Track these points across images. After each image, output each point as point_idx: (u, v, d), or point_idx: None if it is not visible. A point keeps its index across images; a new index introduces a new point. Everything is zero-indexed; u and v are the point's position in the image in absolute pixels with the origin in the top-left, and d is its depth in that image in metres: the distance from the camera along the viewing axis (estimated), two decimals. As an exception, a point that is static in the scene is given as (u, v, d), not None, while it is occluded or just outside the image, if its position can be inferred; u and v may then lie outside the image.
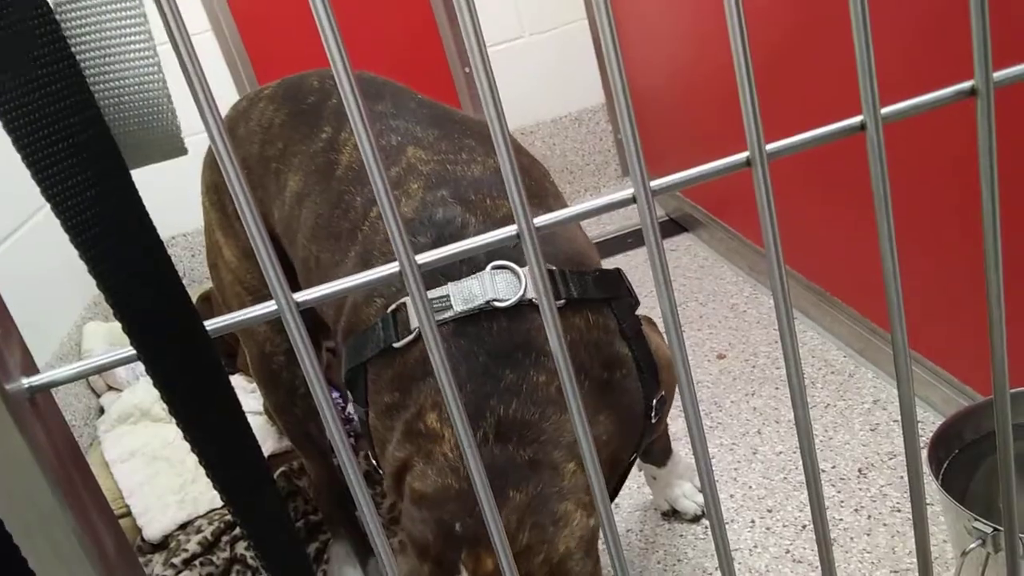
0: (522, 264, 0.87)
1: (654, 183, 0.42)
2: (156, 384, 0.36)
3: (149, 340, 0.35)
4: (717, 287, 2.16)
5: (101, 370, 0.38)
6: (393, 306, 0.90)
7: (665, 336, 0.47)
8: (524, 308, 0.86)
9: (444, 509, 0.82)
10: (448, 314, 0.86)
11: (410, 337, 0.87)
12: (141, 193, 0.34)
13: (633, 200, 0.42)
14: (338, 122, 1.10)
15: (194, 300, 2.19)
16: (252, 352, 1.32)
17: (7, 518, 0.38)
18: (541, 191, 1.06)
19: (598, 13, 0.38)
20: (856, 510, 1.36)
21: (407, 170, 0.98)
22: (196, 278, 2.68)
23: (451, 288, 0.86)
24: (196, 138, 0.56)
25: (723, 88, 1.96)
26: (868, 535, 1.31)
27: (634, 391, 0.93)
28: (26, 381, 0.38)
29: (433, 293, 0.87)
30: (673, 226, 2.53)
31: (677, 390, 1.06)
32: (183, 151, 0.35)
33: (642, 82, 2.44)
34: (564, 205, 1.12)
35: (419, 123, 1.06)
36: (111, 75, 0.35)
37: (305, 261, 1.10)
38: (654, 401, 0.95)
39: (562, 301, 0.89)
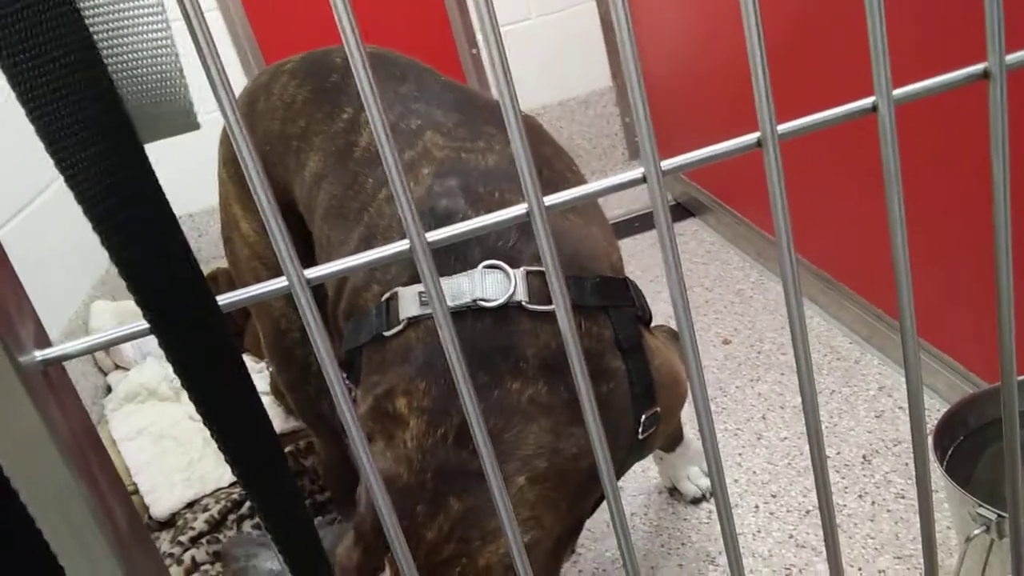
0: (516, 264, 0.86)
1: (665, 163, 0.42)
2: (168, 357, 0.37)
3: (162, 313, 0.35)
4: (723, 272, 2.16)
5: (113, 343, 0.38)
6: (387, 295, 0.90)
7: (674, 321, 0.47)
8: (511, 311, 0.85)
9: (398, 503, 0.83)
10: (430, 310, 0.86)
11: (398, 327, 0.87)
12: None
13: (643, 180, 0.42)
14: (360, 103, 1.10)
15: (211, 274, 2.19)
16: (266, 328, 1.32)
17: (23, 490, 0.39)
18: (561, 181, 1.04)
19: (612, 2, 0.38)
20: (860, 496, 1.37)
21: (421, 154, 0.98)
22: (204, 258, 2.68)
23: (441, 283, 0.87)
24: (213, 115, 0.56)
25: (734, 71, 1.95)
26: (872, 521, 1.32)
27: (620, 407, 0.91)
28: (39, 354, 0.38)
29: (421, 287, 0.87)
30: (680, 211, 2.53)
31: (683, 394, 1.05)
32: (196, 126, 0.35)
33: (651, 64, 2.43)
34: (569, 168, 1.12)
35: (441, 107, 1.06)
36: (124, 49, 0.35)
37: (319, 240, 1.10)
38: (643, 417, 0.93)
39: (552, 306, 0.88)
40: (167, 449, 1.73)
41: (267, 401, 1.78)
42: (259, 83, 1.29)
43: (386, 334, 0.88)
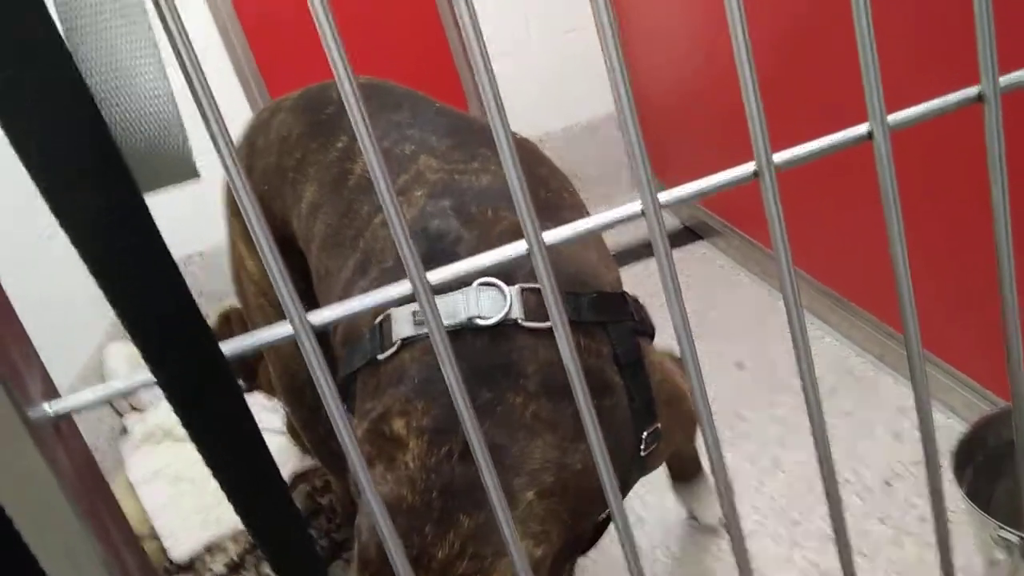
0: (511, 281, 0.86)
1: (661, 196, 0.42)
2: (175, 409, 0.37)
3: (166, 365, 0.36)
4: (734, 295, 2.15)
5: (121, 394, 0.39)
6: (380, 318, 0.90)
7: (679, 350, 0.47)
8: (508, 328, 0.85)
9: (393, 522, 0.82)
10: (426, 330, 0.85)
11: (391, 350, 0.87)
12: (158, 212, 0.34)
13: (642, 214, 0.42)
14: (355, 132, 1.11)
15: (213, 318, 2.21)
16: (276, 368, 1.32)
17: (32, 541, 0.39)
18: (558, 201, 1.05)
19: (600, 28, 0.38)
20: (882, 520, 1.35)
21: (415, 178, 0.99)
22: (214, 296, 2.68)
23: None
24: (215, 157, 0.56)
25: (733, 92, 1.96)
26: (895, 545, 1.30)
27: (621, 422, 0.90)
28: (48, 407, 0.38)
29: (415, 306, 0.85)
30: (689, 234, 2.53)
31: (693, 410, 1.05)
32: (195, 174, 0.36)
33: (651, 87, 2.44)
34: (583, 216, 1.12)
35: (435, 132, 1.07)
36: (122, 99, 0.36)
37: (317, 271, 1.11)
38: (645, 434, 0.92)
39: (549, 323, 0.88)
40: (184, 491, 1.73)
41: (282, 440, 1.78)
42: (260, 120, 1.31)
43: (380, 357, 0.88)
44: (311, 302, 1.18)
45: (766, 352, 1.88)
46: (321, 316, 0.41)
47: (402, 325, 0.87)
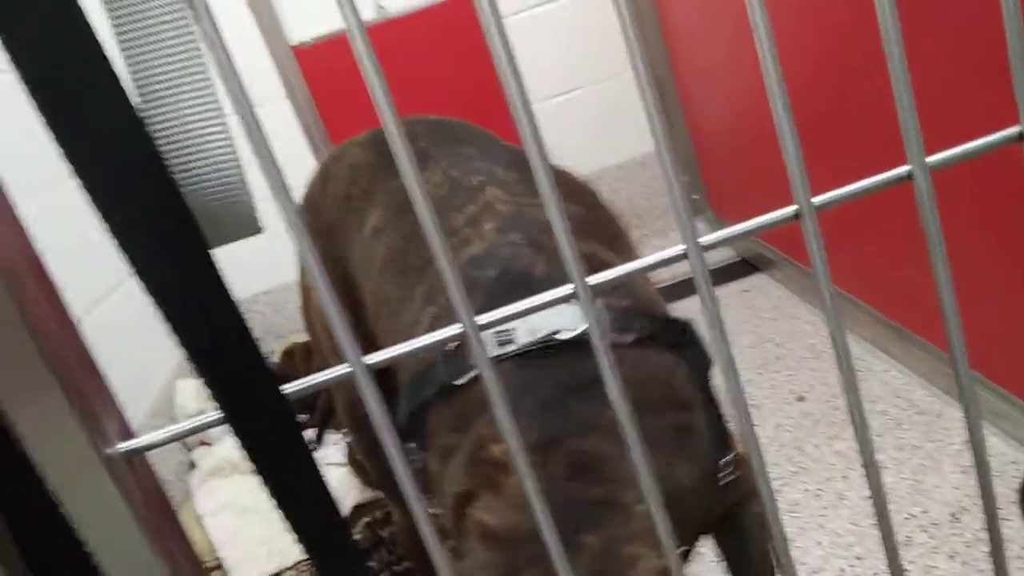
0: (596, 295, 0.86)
1: (704, 239, 0.43)
2: (241, 446, 0.39)
3: (232, 406, 0.38)
4: (794, 327, 2.13)
5: (191, 433, 0.41)
6: (454, 343, 0.89)
7: (726, 387, 0.48)
8: (589, 342, 0.84)
9: (515, 552, 0.77)
10: (511, 347, 0.83)
11: (472, 374, 0.84)
12: (227, 256, 0.37)
13: (685, 256, 0.43)
14: (421, 162, 1.13)
15: (278, 353, 2.26)
16: (342, 398, 1.35)
17: (108, 570, 0.42)
18: (621, 241, 1.05)
19: (637, 74, 0.40)
20: (951, 556, 1.31)
21: (484, 208, 1.00)
22: (280, 333, 2.76)
23: (515, 321, 0.85)
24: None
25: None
26: (964, 582, 1.26)
27: (707, 441, 0.88)
28: (123, 446, 0.41)
29: (501, 335, 0.84)
30: (745, 267, 2.51)
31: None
32: (258, 230, 0.38)
33: (704, 120, 2.45)
34: (635, 253, 1.12)
35: (500, 165, 1.08)
36: (190, 161, 0.38)
37: (375, 295, 1.12)
38: (721, 461, 0.89)
39: (633, 335, 0.85)
40: (250, 522, 1.77)
41: (343, 472, 1.81)
42: (333, 156, 1.35)
43: (458, 383, 0.85)
44: (361, 331, 1.19)
45: (827, 384, 1.85)
46: (377, 358, 0.43)
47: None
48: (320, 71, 2.56)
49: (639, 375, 0.85)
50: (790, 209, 0.43)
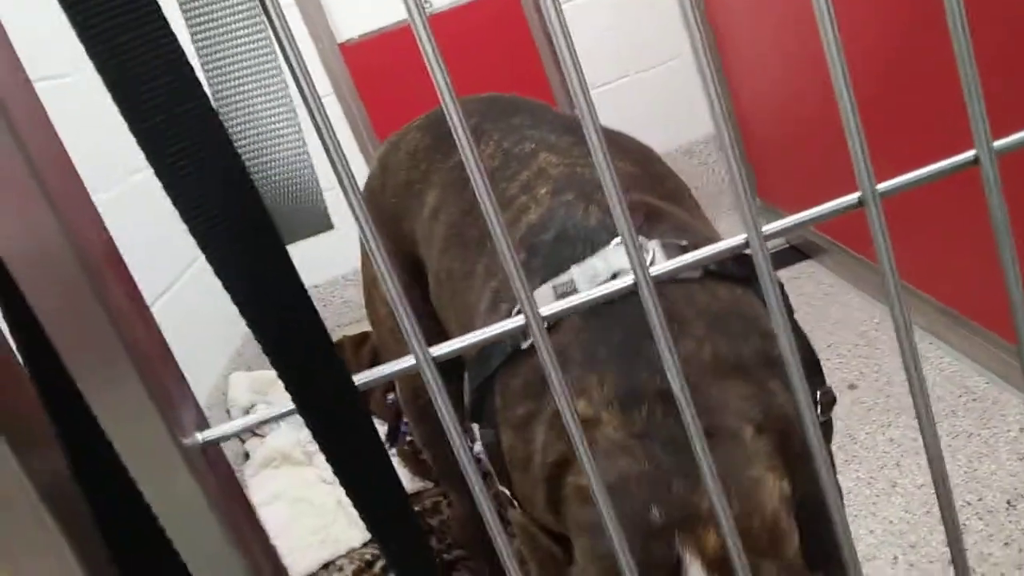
0: (651, 236, 0.83)
1: (766, 228, 0.43)
2: (313, 435, 0.40)
3: (306, 398, 0.39)
4: (844, 314, 2.10)
5: (264, 422, 0.42)
6: (516, 307, 0.87)
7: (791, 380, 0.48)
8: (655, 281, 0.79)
9: (632, 498, 0.72)
10: (574, 299, 0.81)
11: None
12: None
13: (747, 245, 0.43)
14: (475, 136, 1.13)
15: (336, 342, 2.29)
16: (403, 387, 1.37)
17: (185, 553, 0.43)
18: (679, 196, 1.03)
19: (697, 57, 0.40)
20: (1006, 544, 1.29)
21: (537, 175, 1.00)
22: (329, 327, 2.79)
23: (575, 271, 0.82)
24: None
25: (834, 112, 1.93)
26: (1020, 569, 1.24)
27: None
28: (199, 436, 0.42)
29: (558, 280, 0.83)
30: (794, 253, 2.48)
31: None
32: (330, 226, 0.39)
33: (752, 107, 2.42)
34: (701, 213, 1.10)
35: (554, 131, 1.08)
36: (266, 159, 0.40)
37: (438, 274, 1.12)
38: (819, 394, 0.84)
39: (699, 271, 0.82)
40: (302, 512, 1.80)
41: (393, 463, 1.83)
42: (391, 143, 1.36)
43: (524, 346, 0.81)
44: (428, 311, 1.20)
45: (879, 371, 1.83)
46: (443, 350, 0.43)
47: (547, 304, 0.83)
48: (366, 68, 2.59)
49: (716, 307, 0.80)
50: (853, 196, 0.43)
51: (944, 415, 1.62)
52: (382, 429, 1.99)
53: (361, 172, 2.61)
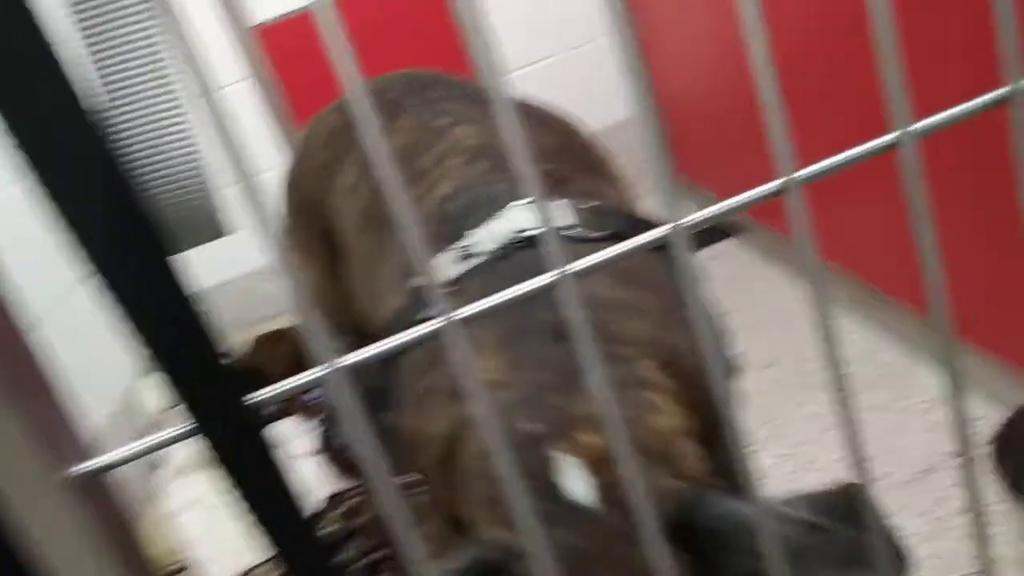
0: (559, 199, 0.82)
1: (685, 220, 0.41)
2: (210, 457, 0.37)
3: (198, 417, 0.36)
4: (763, 293, 2.13)
5: (154, 450, 0.39)
6: (418, 281, 0.83)
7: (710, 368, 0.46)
8: (563, 238, 0.77)
9: (508, 420, 0.70)
10: (476, 261, 0.79)
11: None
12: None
13: (672, 234, 0.42)
14: (392, 112, 1.11)
15: (248, 344, 2.21)
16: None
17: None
18: (600, 167, 1.04)
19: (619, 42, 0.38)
20: (920, 514, 1.33)
21: (451, 147, 0.98)
22: (250, 321, 2.69)
23: (477, 233, 0.82)
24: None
25: (757, 90, 1.95)
26: (935, 540, 1.28)
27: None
28: (81, 466, 0.39)
29: (460, 243, 0.82)
30: (716, 233, 2.50)
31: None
32: (221, 234, 0.36)
33: (671, 82, 2.43)
34: (623, 184, 1.13)
35: (473, 104, 1.07)
36: (153, 168, 0.36)
37: (352, 256, 1.10)
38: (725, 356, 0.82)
39: (603, 232, 0.82)
40: (220, 519, 1.74)
41: (318, 461, 1.79)
42: (308, 128, 1.34)
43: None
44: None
45: (798, 349, 1.86)
46: (353, 359, 0.40)
47: (448, 271, 0.80)
48: (285, 51, 2.49)
49: (623, 264, 0.80)
50: (774, 184, 0.42)
51: (859, 388, 1.65)
52: (306, 430, 1.93)
53: (280, 159, 2.52)
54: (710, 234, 2.51)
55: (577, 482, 0.65)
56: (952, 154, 1.29)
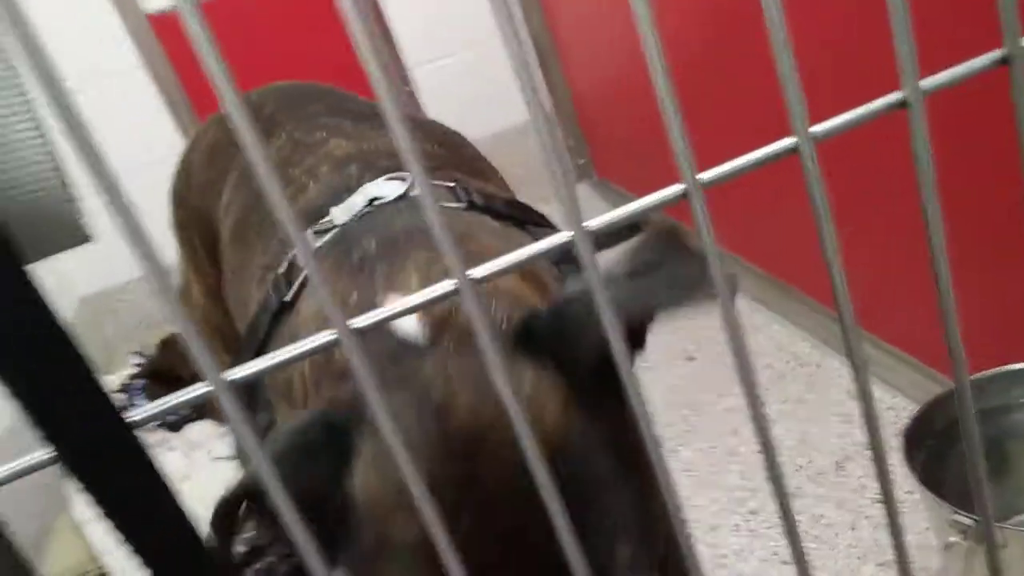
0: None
1: (591, 222, 0.40)
2: (81, 489, 0.34)
3: (64, 440, 0.33)
4: (682, 288, 2.16)
5: (16, 477, 0.36)
6: (283, 267, 0.82)
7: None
8: (414, 200, 0.79)
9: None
10: (331, 235, 0.79)
11: (297, 285, 0.78)
12: (98, 237, 0.32)
13: (573, 243, 0.40)
14: (268, 128, 1.10)
15: (153, 346, 2.14)
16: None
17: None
18: (485, 175, 1.06)
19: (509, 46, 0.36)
20: (838, 505, 1.36)
21: (323, 159, 0.97)
22: (154, 322, 2.62)
23: (334, 211, 0.81)
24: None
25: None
26: (852, 529, 1.31)
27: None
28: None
29: (319, 224, 0.81)
30: (627, 230, 2.52)
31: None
32: (86, 239, 0.33)
33: (582, 79, 2.44)
34: (503, 184, 1.14)
35: (349, 119, 1.06)
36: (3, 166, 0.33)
37: (226, 271, 1.10)
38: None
39: (464, 204, 0.82)
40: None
41: (233, 466, 1.73)
42: (191, 142, 1.31)
43: (288, 298, 0.78)
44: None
45: (716, 342, 1.89)
46: (239, 373, 0.38)
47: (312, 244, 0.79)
48: (182, 41, 2.43)
49: (488, 226, 0.81)
50: (677, 188, 0.41)
51: (773, 381, 1.69)
52: (222, 432, 1.88)
53: (178, 148, 2.45)
54: (621, 231, 2.53)
55: (409, 323, 0.64)
56: (857, 154, 1.32)
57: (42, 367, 0.32)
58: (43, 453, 0.34)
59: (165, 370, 1.99)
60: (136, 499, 0.35)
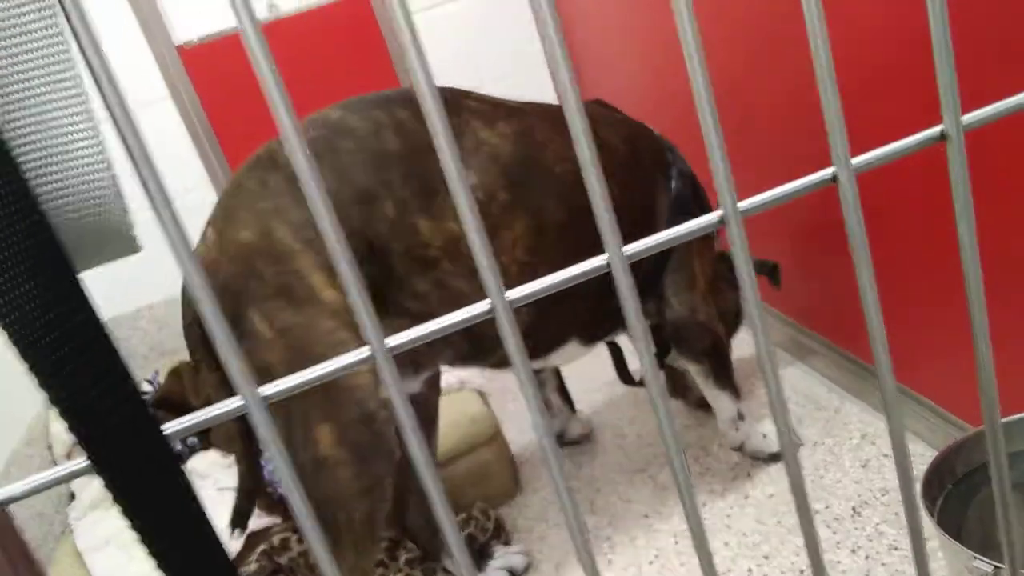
0: None
1: (627, 248, 0.40)
2: (115, 498, 0.34)
3: (106, 457, 0.33)
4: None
5: (56, 484, 0.36)
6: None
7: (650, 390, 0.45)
8: None
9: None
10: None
11: None
12: (106, 265, 0.32)
13: (607, 267, 0.40)
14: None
15: (164, 374, 2.14)
16: (232, 426, 1.27)
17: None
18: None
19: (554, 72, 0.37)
20: (853, 550, 1.34)
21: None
22: (165, 350, 2.62)
23: None
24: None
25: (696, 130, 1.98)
26: (867, 575, 1.29)
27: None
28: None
29: None
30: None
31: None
32: (136, 249, 0.33)
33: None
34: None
35: (294, 198, 1.21)
36: (55, 176, 0.33)
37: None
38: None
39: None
40: (135, 557, 1.66)
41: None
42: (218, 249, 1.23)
43: None
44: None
45: (729, 384, 1.88)
46: (272, 389, 0.38)
47: None
48: (207, 72, 2.46)
49: None
50: (714, 215, 0.41)
51: (793, 425, 1.67)
52: (227, 462, 1.87)
53: (202, 179, 2.46)
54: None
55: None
56: (873, 194, 1.33)
57: (84, 372, 0.31)
58: (79, 462, 0.34)
59: (175, 398, 1.99)
60: (166, 507, 0.35)
